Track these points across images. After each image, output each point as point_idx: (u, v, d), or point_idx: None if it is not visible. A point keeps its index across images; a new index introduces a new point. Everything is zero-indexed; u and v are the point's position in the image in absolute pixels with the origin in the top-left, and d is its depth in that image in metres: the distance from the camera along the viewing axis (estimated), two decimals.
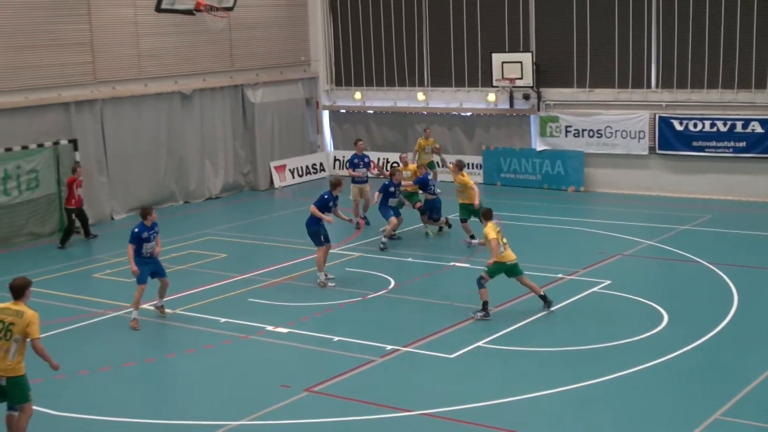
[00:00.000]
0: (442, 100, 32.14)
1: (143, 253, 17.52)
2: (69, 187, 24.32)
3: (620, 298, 18.28)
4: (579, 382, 14.07)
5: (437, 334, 16.47)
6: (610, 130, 28.97)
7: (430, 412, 13.17)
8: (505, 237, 17.69)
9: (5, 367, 11.85)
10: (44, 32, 25.78)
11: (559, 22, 29.57)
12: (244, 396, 14.16)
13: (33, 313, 12.04)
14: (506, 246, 17.61)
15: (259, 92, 31.98)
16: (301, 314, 17.91)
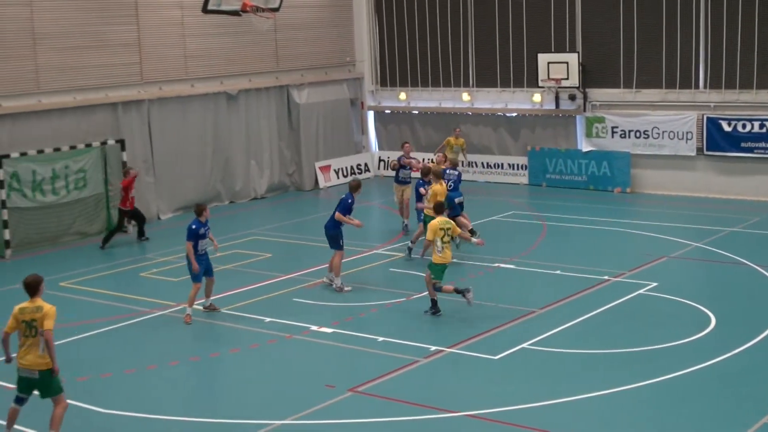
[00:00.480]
0: (487, 100, 32.05)
1: (198, 250, 17.78)
2: (124, 189, 24.51)
3: (667, 301, 18.12)
4: (624, 385, 13.96)
5: (481, 336, 16.42)
6: (657, 130, 28.73)
7: (473, 414, 13.13)
8: (449, 237, 17.40)
9: (38, 361, 12.26)
10: (92, 33, 26.04)
11: (606, 22, 29.38)
12: (288, 395, 14.20)
13: (50, 307, 12.40)
14: (447, 246, 17.40)
15: (305, 93, 32.08)
16: (345, 314, 17.93)
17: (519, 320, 17.20)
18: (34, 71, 24.85)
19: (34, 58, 24.81)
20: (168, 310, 18.55)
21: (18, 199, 24.08)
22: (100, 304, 19.36)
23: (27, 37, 24.63)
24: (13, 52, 24.42)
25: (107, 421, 13.50)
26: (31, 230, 24.32)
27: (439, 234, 17.19)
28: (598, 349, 15.65)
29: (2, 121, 24.20)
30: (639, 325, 16.88)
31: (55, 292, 20.21)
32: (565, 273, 20.20)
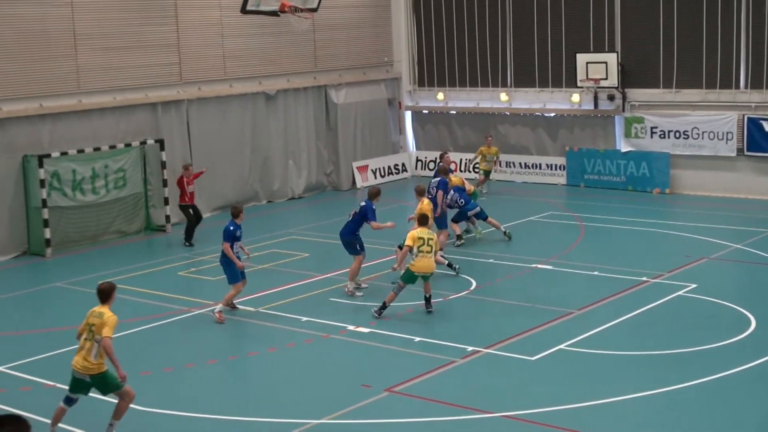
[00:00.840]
0: (525, 100, 31.95)
1: (234, 252, 17.83)
2: (179, 185, 24.75)
3: (706, 302, 17.97)
4: (662, 387, 13.86)
5: (518, 336, 16.37)
6: (697, 131, 28.50)
7: (510, 414, 13.09)
8: (428, 246, 17.38)
9: (86, 365, 12.40)
10: (132, 34, 26.24)
11: (646, 22, 29.19)
12: (324, 395, 14.22)
13: (111, 315, 12.54)
14: (425, 256, 17.36)
15: (342, 93, 32.14)
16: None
17: (556, 321, 17.12)
18: (75, 72, 25.08)
19: (75, 58, 25.04)
20: (206, 309, 18.64)
21: (58, 198, 24.31)
22: (138, 302, 19.49)
23: (68, 38, 24.87)
24: (55, 52, 24.66)
25: (146, 419, 13.59)
26: (71, 229, 24.55)
27: (417, 242, 17.34)
28: (635, 350, 15.55)
29: (43, 121, 24.45)
30: (678, 326, 16.75)
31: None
32: (603, 274, 20.10)
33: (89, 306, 13.28)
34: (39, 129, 24.42)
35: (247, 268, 18.44)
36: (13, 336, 17.86)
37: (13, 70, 23.93)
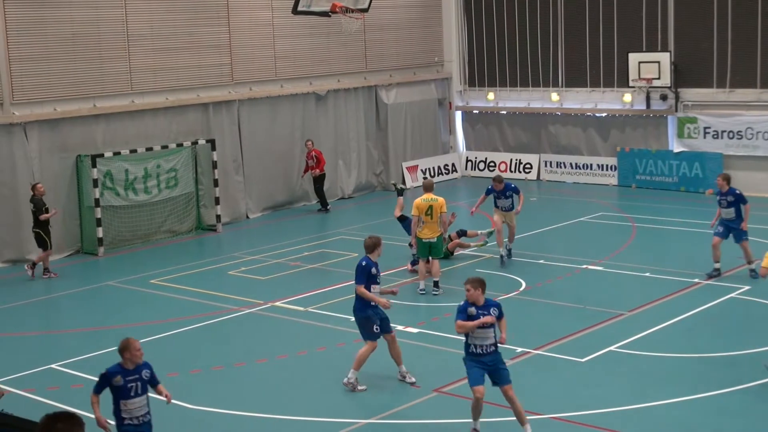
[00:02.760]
0: (576, 100, 31.76)
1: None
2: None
3: (760, 305, 17.74)
4: (714, 390, 13.71)
5: (568, 338, 16.27)
6: (751, 131, 28.15)
7: (559, 416, 13.02)
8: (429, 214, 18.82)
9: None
10: (184, 35, 26.46)
11: (699, 21, 28.88)
12: (373, 394, 14.23)
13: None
14: (427, 223, 18.83)
15: (393, 93, 32.17)
16: (431, 314, 17.92)
17: (607, 323, 17.00)
18: (128, 73, 25.34)
19: (128, 59, 25.30)
20: (256, 308, 18.76)
21: (111, 197, 24.58)
22: (189, 301, 19.65)
23: (121, 40, 25.14)
24: (108, 54, 24.94)
25: (196, 417, 13.70)
26: (123, 228, 24.81)
27: (422, 207, 18.87)
28: (687, 353, 15.39)
29: (97, 121, 24.74)
30: (730, 329, 16.56)
31: (146, 290, 20.61)
32: (654, 275, 19.93)
33: (140, 305, 13.40)
34: (92, 129, 24.72)
35: (297, 268, 18.45)
36: (65, 334, 18.08)
37: (67, 71, 24.23)
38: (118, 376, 10.53)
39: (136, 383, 10.60)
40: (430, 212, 19.07)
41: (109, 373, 10.61)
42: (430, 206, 19.11)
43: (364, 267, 14.33)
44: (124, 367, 10.60)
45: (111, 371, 10.62)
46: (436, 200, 19.19)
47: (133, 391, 10.58)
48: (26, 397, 14.50)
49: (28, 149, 23.48)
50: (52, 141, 23.99)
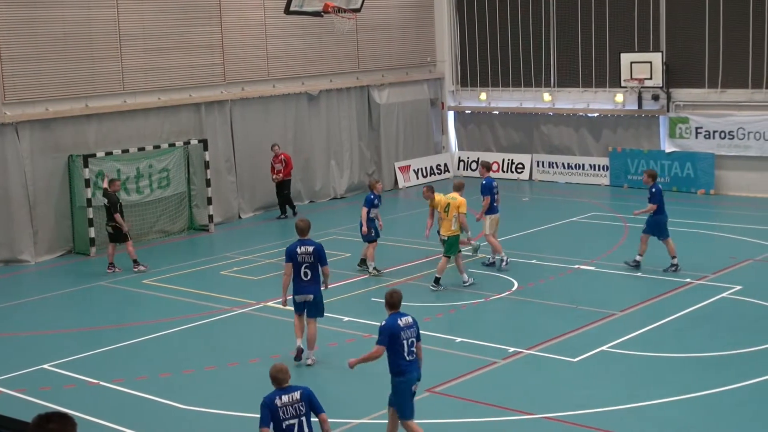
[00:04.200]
0: (568, 100, 31.79)
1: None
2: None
3: (751, 305, 17.78)
4: (706, 389, 13.73)
5: (560, 338, 16.30)
6: (743, 131, 28.20)
7: (551, 416, 13.04)
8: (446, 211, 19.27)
9: None
10: (176, 35, 26.43)
11: (691, 21, 28.93)
12: (365, 394, 14.24)
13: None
14: (441, 221, 19.41)
15: (385, 93, 32.17)
16: (423, 315, 17.91)
17: (598, 323, 17.03)
18: (120, 72, 25.31)
19: (120, 59, 25.26)
20: (248, 308, 18.75)
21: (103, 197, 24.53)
22: (181, 301, 19.64)
23: (113, 40, 25.10)
24: (100, 53, 24.90)
25: (188, 417, 13.69)
26: None
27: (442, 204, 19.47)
28: (678, 353, 15.42)
29: (89, 121, 24.70)
30: (722, 329, 16.60)
31: (138, 290, 20.59)
32: (646, 275, 19.96)
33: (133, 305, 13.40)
34: (84, 129, 24.68)
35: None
36: (58, 334, 18.05)
37: (59, 71, 24.19)
38: None
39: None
40: (447, 209, 19.38)
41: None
42: (449, 204, 19.37)
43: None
44: None
45: None
46: (455, 199, 19.43)
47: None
48: (18, 398, 14.49)
49: (19, 149, 23.43)
50: (44, 141, 23.95)
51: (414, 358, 11.66)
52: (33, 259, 23.60)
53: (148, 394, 14.46)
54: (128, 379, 15.11)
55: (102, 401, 14.11)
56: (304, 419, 9.83)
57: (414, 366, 11.67)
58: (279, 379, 9.99)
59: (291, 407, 9.83)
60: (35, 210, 23.74)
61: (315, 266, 15.19)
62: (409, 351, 11.59)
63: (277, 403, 9.80)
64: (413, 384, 11.71)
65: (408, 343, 11.60)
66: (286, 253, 15.13)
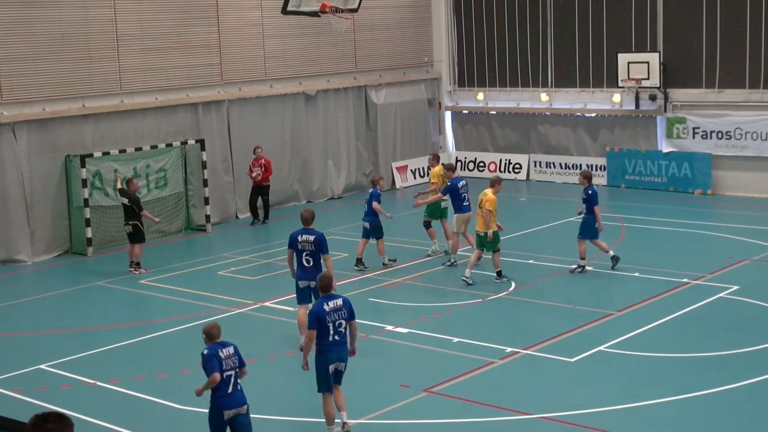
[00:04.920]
0: (565, 100, 31.80)
1: None
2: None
3: (748, 305, 17.79)
4: (703, 389, 13.74)
5: (558, 338, 16.30)
6: (740, 131, 28.22)
7: (549, 416, 13.04)
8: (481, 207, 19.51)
9: None
10: (174, 35, 26.42)
11: (688, 21, 28.95)
12: (363, 395, 14.23)
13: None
14: (478, 216, 19.63)
15: (382, 93, 32.17)
16: (421, 314, 17.93)
17: (596, 323, 17.03)
18: (117, 72, 25.29)
19: (117, 59, 25.24)
20: (245, 309, 18.74)
21: (100, 197, 24.53)
22: (178, 301, 19.62)
23: (110, 40, 25.08)
24: (97, 53, 24.88)
25: (185, 417, 13.67)
26: (112, 229, 24.72)
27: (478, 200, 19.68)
28: (676, 353, 15.43)
29: (86, 121, 24.68)
30: (719, 329, 16.60)
31: (135, 290, 20.58)
32: (643, 275, 19.97)
33: (129, 305, 13.41)
34: (81, 129, 24.65)
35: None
36: (55, 334, 18.03)
37: (56, 71, 24.17)
38: None
39: None
40: (481, 205, 19.55)
41: None
42: (481, 199, 19.54)
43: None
44: None
45: None
46: (485, 194, 19.52)
47: None
48: (15, 398, 14.48)
49: (16, 149, 23.40)
50: (41, 141, 23.92)
51: (340, 339, 12.32)
52: (30, 259, 23.57)
53: (146, 395, 14.45)
54: (125, 379, 15.09)
55: (99, 401, 14.09)
56: (237, 371, 11.29)
57: (337, 346, 12.35)
58: (214, 334, 11.40)
59: (230, 359, 11.23)
60: (32, 210, 23.72)
61: (316, 254, 15.74)
62: (336, 332, 12.27)
63: (221, 355, 11.18)
64: (331, 364, 12.41)
65: (335, 325, 12.26)
66: (288, 240, 15.93)
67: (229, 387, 11.00)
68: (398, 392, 14.10)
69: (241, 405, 11.13)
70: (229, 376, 11.03)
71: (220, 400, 11.06)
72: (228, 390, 11.01)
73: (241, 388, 11.16)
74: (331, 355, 12.36)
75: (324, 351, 12.35)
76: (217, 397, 11.08)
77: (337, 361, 12.44)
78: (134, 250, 22.12)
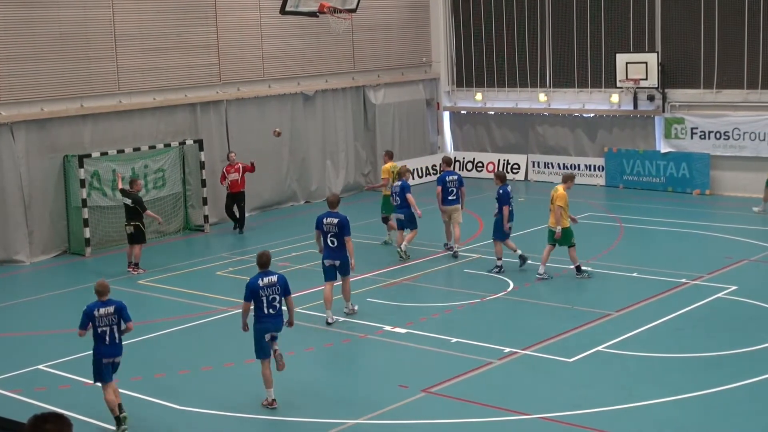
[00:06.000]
0: (564, 101, 31.81)
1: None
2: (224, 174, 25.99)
3: (747, 305, 17.80)
4: (702, 390, 13.75)
5: (556, 338, 16.30)
6: (738, 131, 28.23)
7: (547, 416, 13.04)
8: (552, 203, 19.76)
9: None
10: (172, 35, 26.41)
11: (686, 21, 28.96)
12: (361, 395, 14.25)
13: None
14: (551, 212, 19.76)
15: (381, 93, 32.18)
16: (419, 315, 17.94)
17: (594, 323, 17.04)
18: (115, 73, 25.28)
19: (115, 59, 25.24)
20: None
21: (98, 198, 24.53)
22: (177, 302, 19.63)
23: (108, 40, 25.07)
24: (95, 54, 24.87)
25: (183, 418, 13.68)
26: (110, 229, 24.73)
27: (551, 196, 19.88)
28: (674, 353, 15.44)
29: (84, 121, 24.68)
30: (717, 329, 16.61)
31: (134, 290, 20.58)
32: (641, 276, 19.98)
33: (129, 305, 13.45)
34: (80, 129, 24.65)
35: (285, 268, 18.50)
36: (53, 335, 18.02)
37: (54, 71, 24.16)
38: None
39: None
40: (552, 201, 19.80)
41: None
42: (552, 195, 19.83)
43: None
44: None
45: None
46: (556, 191, 19.81)
47: None
48: (13, 398, 14.48)
49: (15, 149, 23.40)
50: (40, 141, 23.92)
51: (275, 312, 13.81)
52: (28, 259, 23.57)
53: (144, 395, 14.46)
54: (123, 379, 15.06)
55: (97, 402, 14.06)
56: (115, 327, 13.22)
57: (272, 318, 13.81)
58: (101, 292, 13.27)
59: (106, 317, 13.18)
60: (30, 210, 23.71)
61: (340, 236, 17.35)
62: (270, 305, 13.77)
63: (95, 314, 13.16)
64: (267, 332, 13.81)
65: (269, 299, 13.77)
66: (315, 221, 17.72)
67: (106, 339, 13.15)
68: (397, 392, 14.11)
69: (116, 355, 13.38)
70: (104, 332, 13.14)
71: (100, 349, 13.28)
72: (106, 342, 13.16)
73: (119, 341, 13.30)
74: (266, 325, 13.79)
75: (260, 322, 13.81)
76: (97, 347, 13.29)
77: (273, 330, 13.86)
78: (134, 250, 22.11)
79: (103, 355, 13.24)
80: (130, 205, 22.17)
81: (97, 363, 13.29)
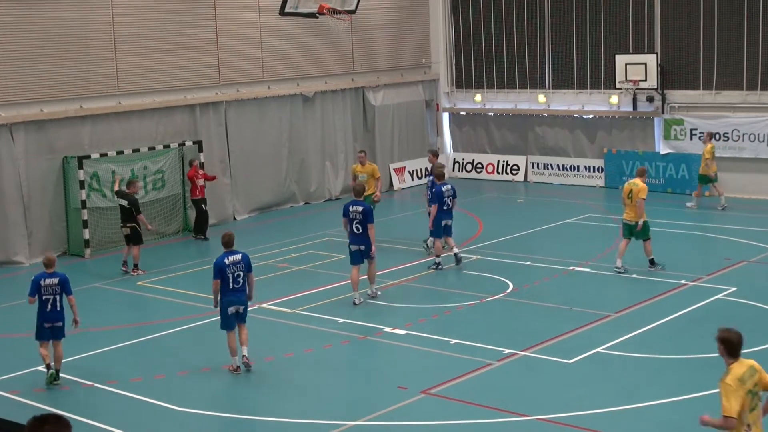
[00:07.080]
0: (563, 102, 31.80)
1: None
2: (190, 180, 25.31)
3: (746, 306, 17.80)
4: (700, 391, 13.74)
5: (555, 339, 16.30)
6: (738, 133, 28.23)
7: (546, 418, 13.04)
8: (630, 197, 20.03)
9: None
10: (171, 36, 26.40)
11: (686, 22, 28.96)
12: (360, 396, 14.25)
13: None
14: (626, 206, 20.17)
15: (380, 94, 32.18)
16: (418, 316, 17.94)
17: (593, 324, 17.04)
18: (114, 74, 25.28)
19: (115, 61, 25.24)
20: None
21: (97, 199, 24.52)
22: (176, 303, 19.61)
23: (108, 41, 25.07)
24: (95, 55, 24.87)
25: (182, 419, 13.67)
26: (109, 230, 24.71)
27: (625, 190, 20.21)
28: (673, 354, 15.44)
29: (83, 122, 24.67)
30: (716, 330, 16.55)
31: (133, 291, 20.58)
32: (640, 277, 19.98)
33: (128, 306, 13.45)
34: (79, 130, 24.64)
35: (284, 270, 18.51)
36: None
37: (53, 72, 24.15)
38: None
39: None
40: (630, 195, 20.01)
41: None
42: (631, 190, 20.05)
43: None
44: None
45: None
46: (636, 185, 20.06)
47: None
48: (12, 399, 14.47)
49: (14, 150, 23.39)
50: (39, 142, 23.91)
51: (239, 286, 15.19)
52: (27, 260, 23.55)
53: (143, 396, 14.45)
54: (122, 380, 15.09)
55: (96, 403, 14.09)
56: (58, 297, 14.86)
57: (236, 293, 15.18)
58: (47, 264, 14.96)
59: (50, 287, 14.81)
60: (29, 211, 23.71)
61: (364, 223, 18.67)
62: (235, 281, 15.13)
63: (41, 283, 14.80)
64: (232, 306, 15.16)
65: (234, 276, 15.13)
66: (342, 210, 19.30)
67: (48, 307, 14.79)
68: (396, 394, 14.10)
69: (57, 321, 14.92)
70: (47, 299, 14.78)
71: (44, 315, 14.93)
72: (47, 309, 14.80)
73: (61, 309, 14.89)
74: (231, 299, 15.14)
75: (225, 295, 15.15)
76: (41, 312, 14.94)
77: (237, 304, 15.20)
78: (132, 251, 22.12)
79: (45, 320, 14.87)
80: (125, 207, 22.17)
81: (39, 326, 14.98)
